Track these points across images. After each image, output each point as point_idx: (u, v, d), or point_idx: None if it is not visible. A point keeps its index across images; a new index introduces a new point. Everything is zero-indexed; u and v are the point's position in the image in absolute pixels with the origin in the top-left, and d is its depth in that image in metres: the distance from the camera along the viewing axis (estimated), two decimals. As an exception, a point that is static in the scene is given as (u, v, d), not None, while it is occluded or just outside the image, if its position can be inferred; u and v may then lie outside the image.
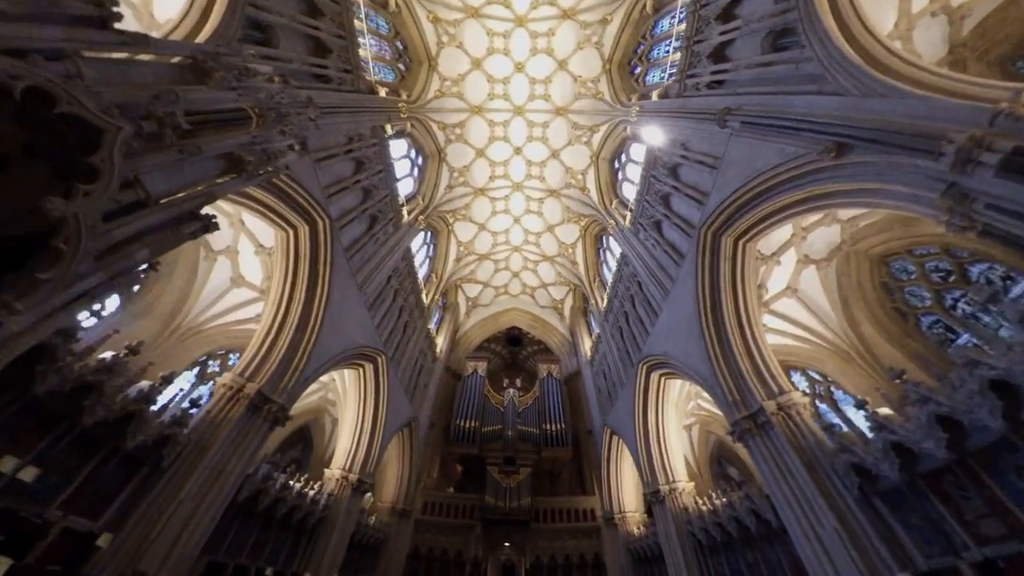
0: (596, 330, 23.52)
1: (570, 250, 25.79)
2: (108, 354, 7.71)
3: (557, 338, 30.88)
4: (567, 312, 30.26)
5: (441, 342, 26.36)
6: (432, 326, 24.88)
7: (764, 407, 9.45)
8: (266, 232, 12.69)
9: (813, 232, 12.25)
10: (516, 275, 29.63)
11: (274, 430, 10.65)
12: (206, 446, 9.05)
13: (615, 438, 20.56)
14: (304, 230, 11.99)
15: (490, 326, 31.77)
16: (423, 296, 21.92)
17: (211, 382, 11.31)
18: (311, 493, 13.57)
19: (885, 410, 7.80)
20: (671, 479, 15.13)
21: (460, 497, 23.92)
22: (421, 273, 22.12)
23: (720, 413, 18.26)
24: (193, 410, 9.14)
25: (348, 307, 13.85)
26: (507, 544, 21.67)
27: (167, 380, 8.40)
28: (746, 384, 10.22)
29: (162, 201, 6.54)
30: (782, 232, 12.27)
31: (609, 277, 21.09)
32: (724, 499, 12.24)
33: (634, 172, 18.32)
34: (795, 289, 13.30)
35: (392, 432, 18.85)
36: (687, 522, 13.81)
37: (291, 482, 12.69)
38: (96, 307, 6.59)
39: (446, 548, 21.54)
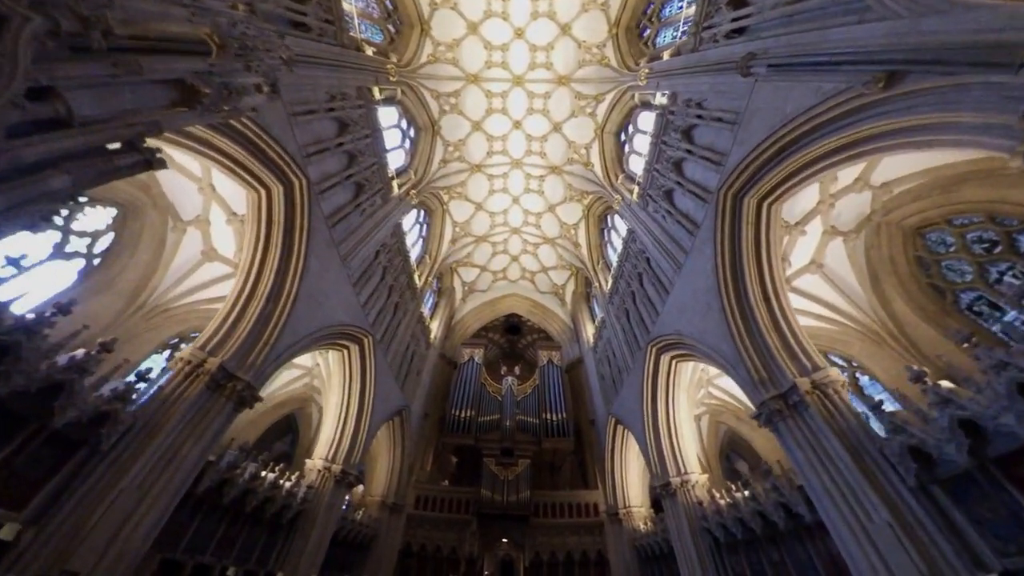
0: (600, 315, 22.34)
1: (572, 231, 24.49)
2: (30, 315, 6.53)
3: (558, 325, 29.68)
4: (568, 298, 29.03)
5: (436, 328, 25.14)
6: (426, 311, 23.68)
7: (797, 385, 8.25)
8: (239, 199, 11.48)
9: (842, 200, 11.06)
10: (515, 259, 28.33)
11: (240, 411, 9.46)
12: (157, 427, 7.89)
13: (620, 428, 19.44)
14: (278, 191, 10.77)
15: (488, 312, 30.52)
16: (416, 278, 20.67)
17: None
18: (287, 485, 12.39)
19: (945, 383, 6.65)
20: (683, 470, 13.96)
21: (455, 491, 22.75)
22: (414, 254, 20.85)
23: (734, 401, 17.42)
24: (140, 384, 7.95)
25: (329, 280, 12.65)
26: (505, 540, 20.57)
27: (106, 347, 7.21)
28: (774, 361, 9.03)
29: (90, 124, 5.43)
30: (807, 200, 11.13)
31: (614, 259, 19.85)
32: (746, 491, 11.03)
33: (642, 143, 17.08)
34: (820, 264, 12.15)
35: (380, 420, 17.69)
36: (701, 517, 12.63)
37: (263, 472, 11.51)
38: (18, 256, 5.37)
39: (440, 544, 20.42)
